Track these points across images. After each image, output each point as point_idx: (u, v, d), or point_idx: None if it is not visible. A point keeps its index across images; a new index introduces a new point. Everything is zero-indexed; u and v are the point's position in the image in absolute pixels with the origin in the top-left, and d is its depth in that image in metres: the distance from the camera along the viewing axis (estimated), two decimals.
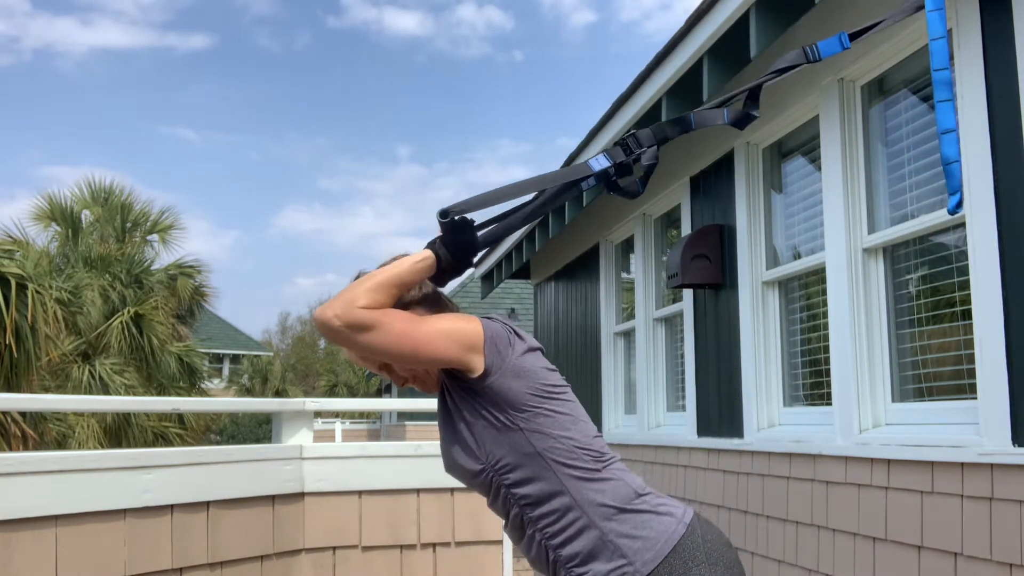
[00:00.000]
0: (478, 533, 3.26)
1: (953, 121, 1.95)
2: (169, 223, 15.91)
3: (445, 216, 1.74)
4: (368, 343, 1.68)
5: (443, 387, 1.85)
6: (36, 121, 71.24)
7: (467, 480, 1.83)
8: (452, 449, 1.83)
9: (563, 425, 1.76)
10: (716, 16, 3.76)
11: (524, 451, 1.73)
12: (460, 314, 1.84)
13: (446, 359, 1.73)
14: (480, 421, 1.76)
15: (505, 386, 1.74)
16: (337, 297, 1.69)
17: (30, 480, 2.38)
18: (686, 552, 1.69)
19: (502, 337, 1.77)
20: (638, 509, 1.73)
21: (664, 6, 67.82)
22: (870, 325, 3.57)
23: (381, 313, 1.69)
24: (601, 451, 1.78)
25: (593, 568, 1.70)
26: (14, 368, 7.67)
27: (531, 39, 73.52)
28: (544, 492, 1.73)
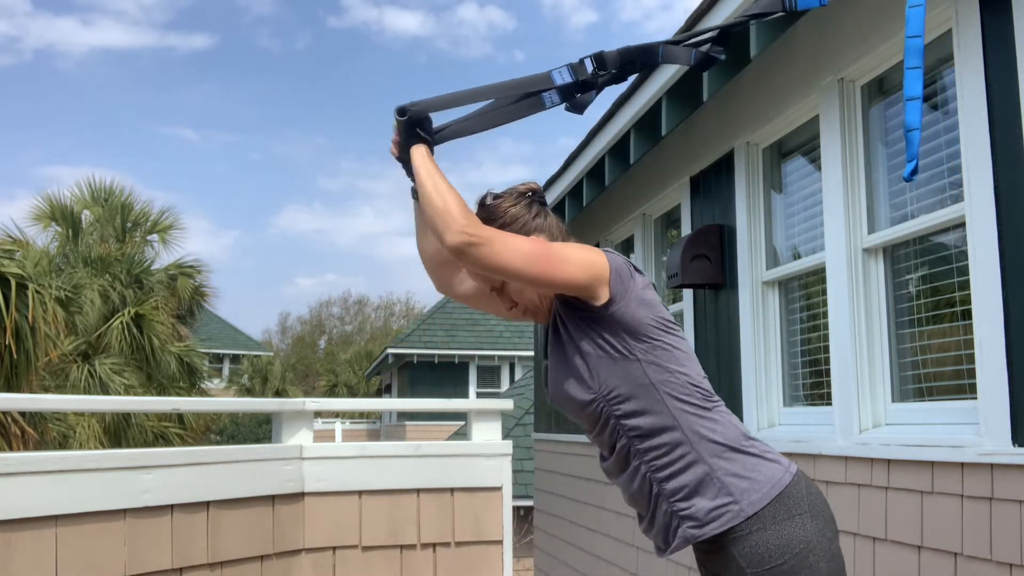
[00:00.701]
0: (478, 533, 3.26)
1: (919, 89, 1.94)
2: (169, 223, 15.91)
3: (403, 114, 1.77)
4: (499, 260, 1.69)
5: (556, 316, 1.86)
6: (36, 121, 71.18)
7: (576, 411, 1.83)
8: (563, 379, 1.83)
9: (679, 360, 1.77)
10: (716, 16, 3.76)
11: (639, 382, 1.74)
12: (580, 244, 1.85)
13: (575, 284, 1.74)
14: (596, 350, 1.77)
15: (628, 315, 1.75)
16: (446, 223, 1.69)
17: (30, 480, 2.38)
18: (791, 500, 1.69)
19: (624, 269, 1.79)
20: (747, 451, 1.74)
21: (665, 6, 67.81)
22: (870, 325, 3.58)
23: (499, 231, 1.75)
24: (711, 392, 1.80)
25: (696, 503, 1.70)
26: (14, 368, 7.66)
27: (532, 39, 73.42)
28: (655, 425, 1.73)
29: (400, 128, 1.80)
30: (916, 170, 1.92)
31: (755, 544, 1.66)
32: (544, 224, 1.90)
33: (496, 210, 1.90)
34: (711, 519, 1.69)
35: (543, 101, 1.91)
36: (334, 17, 70.97)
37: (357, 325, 49.39)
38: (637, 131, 4.86)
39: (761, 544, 1.65)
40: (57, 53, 67.74)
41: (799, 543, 1.66)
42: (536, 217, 1.90)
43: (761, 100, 4.32)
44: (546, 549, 8.22)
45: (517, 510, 12.30)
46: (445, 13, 70.50)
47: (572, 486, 7.34)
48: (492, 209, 1.91)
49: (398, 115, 1.78)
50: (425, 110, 1.79)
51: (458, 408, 3.52)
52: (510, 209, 1.90)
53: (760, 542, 1.66)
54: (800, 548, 1.65)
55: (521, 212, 1.90)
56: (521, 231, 1.86)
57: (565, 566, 7.45)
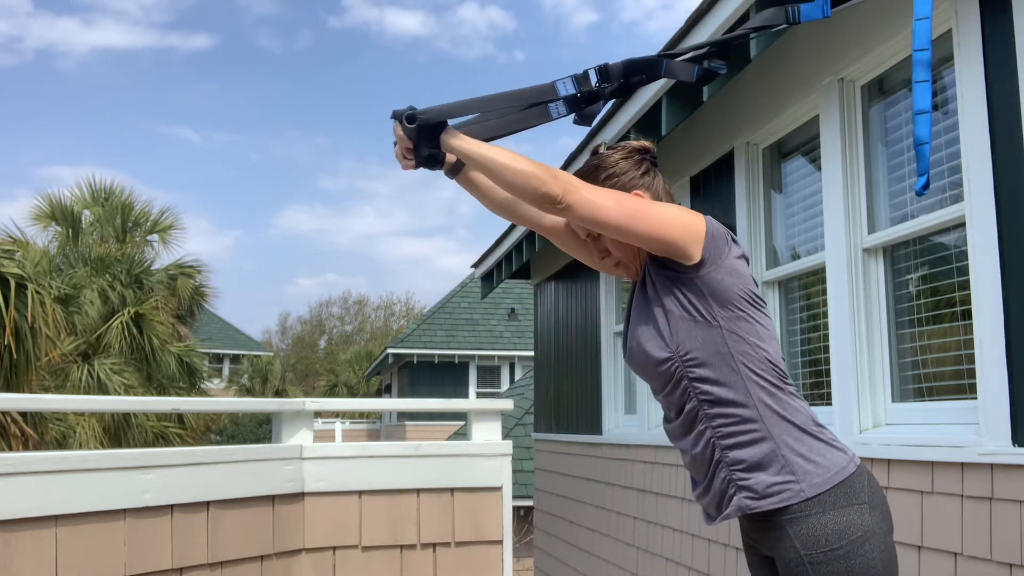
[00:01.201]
0: (478, 533, 3.26)
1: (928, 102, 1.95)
2: (169, 223, 15.90)
3: (412, 121, 1.78)
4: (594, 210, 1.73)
5: (645, 273, 1.87)
6: (37, 121, 71.22)
7: (647, 368, 1.84)
8: (641, 335, 1.84)
9: (759, 335, 1.78)
10: (716, 16, 3.76)
11: (718, 349, 1.75)
12: (681, 206, 1.87)
13: (672, 241, 1.75)
14: (679, 310, 1.78)
15: (717, 280, 1.76)
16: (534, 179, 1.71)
17: (30, 480, 2.38)
18: (851, 489, 1.70)
19: (721, 235, 1.80)
20: (816, 435, 1.75)
21: (666, 6, 67.82)
22: (870, 325, 3.57)
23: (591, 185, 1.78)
24: (786, 373, 1.80)
25: (757, 476, 1.71)
26: (14, 368, 7.66)
27: (533, 39, 73.44)
28: (727, 393, 1.75)
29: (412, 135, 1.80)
30: (928, 184, 1.93)
31: (812, 526, 1.66)
32: (651, 183, 1.91)
33: (606, 159, 1.92)
34: (770, 494, 1.69)
35: (549, 111, 1.93)
36: (335, 17, 71.03)
37: (357, 325, 49.40)
38: (637, 131, 4.86)
39: (819, 527, 1.66)
40: (58, 53, 67.80)
41: (856, 531, 1.66)
42: (644, 175, 1.91)
43: (761, 100, 4.32)
44: (546, 549, 8.21)
45: (517, 510, 12.30)
46: (446, 13, 70.54)
47: (572, 486, 7.34)
48: (603, 158, 1.93)
49: (406, 122, 1.79)
50: (432, 118, 1.80)
51: (458, 408, 3.52)
52: (620, 162, 1.91)
53: (818, 525, 1.66)
54: (857, 536, 1.66)
55: (630, 167, 1.91)
56: (627, 185, 1.88)
57: (565, 566, 7.45)
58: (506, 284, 15.06)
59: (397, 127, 1.80)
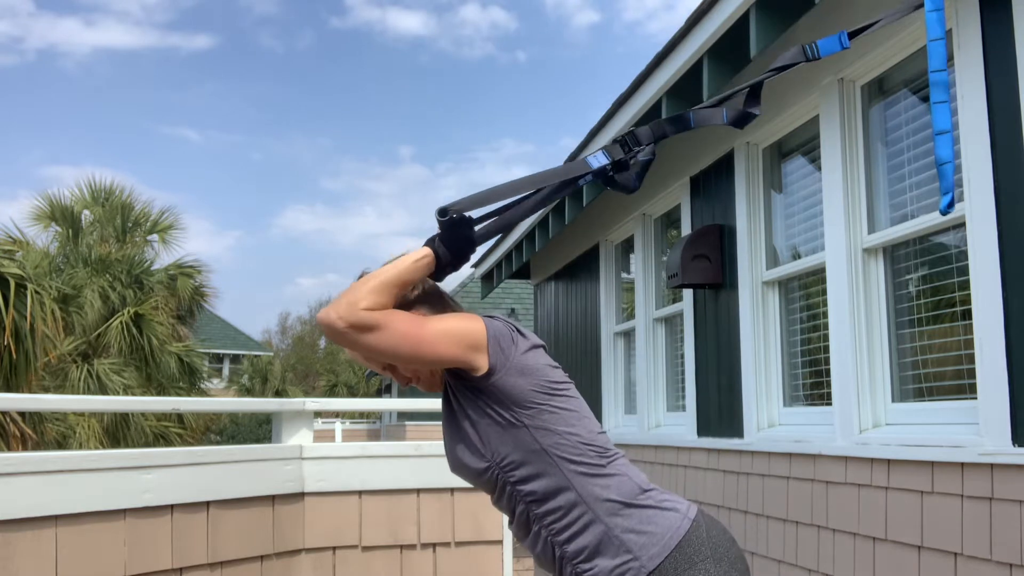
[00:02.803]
0: (478, 533, 3.26)
1: (948, 122, 1.95)
2: (169, 223, 15.90)
3: (444, 215, 1.75)
4: (372, 344, 1.69)
5: (447, 387, 1.85)
6: (39, 121, 71.30)
7: (473, 479, 1.83)
8: (457, 448, 1.83)
9: (567, 421, 1.76)
10: (716, 16, 3.76)
11: (529, 448, 1.74)
12: (462, 313, 1.84)
13: (450, 359, 1.73)
14: (485, 419, 1.76)
15: (509, 384, 1.74)
16: (340, 298, 1.69)
17: (30, 480, 2.38)
18: (691, 548, 1.69)
19: (505, 335, 1.77)
20: (643, 504, 1.73)
21: (667, 6, 67.86)
22: (870, 325, 3.57)
23: (383, 314, 1.70)
24: (605, 447, 1.78)
25: (599, 563, 1.70)
26: (13, 368, 7.66)
27: (534, 39, 73.54)
28: (549, 488, 1.73)
29: (442, 228, 1.78)
30: (952, 203, 1.93)
31: None
32: (424, 295, 1.87)
33: None
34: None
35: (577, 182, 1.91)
36: (336, 17, 71.10)
37: None
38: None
39: None
40: (60, 53, 67.89)
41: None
42: (414, 290, 1.86)
43: (761, 100, 4.31)
44: None
45: None
46: (448, 13, 70.59)
47: None
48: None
49: (439, 216, 1.76)
50: (464, 209, 1.77)
51: None
52: None
53: None
54: None
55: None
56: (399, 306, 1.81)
57: None
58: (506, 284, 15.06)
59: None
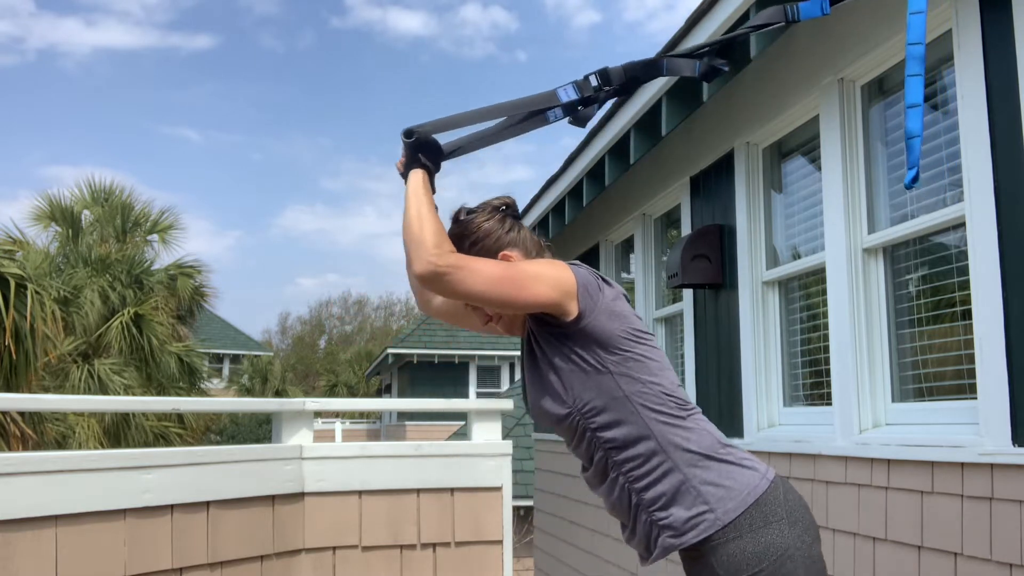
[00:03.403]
0: (478, 533, 3.26)
1: (920, 96, 1.95)
2: (169, 223, 15.89)
3: (410, 136, 1.79)
4: (467, 286, 1.70)
5: (529, 334, 1.87)
6: (39, 121, 71.16)
7: (553, 425, 1.84)
8: (539, 394, 1.84)
9: (651, 370, 1.78)
10: (716, 15, 3.76)
11: (612, 394, 1.75)
12: (549, 260, 1.86)
13: (543, 302, 1.75)
14: (568, 365, 1.77)
15: (598, 328, 1.76)
16: (417, 252, 1.70)
17: (30, 480, 2.38)
18: (767, 507, 1.70)
19: (591, 282, 1.80)
20: (723, 459, 1.74)
21: (668, 6, 67.77)
22: (870, 325, 3.57)
23: (464, 257, 1.74)
24: (685, 400, 1.80)
25: (674, 512, 1.71)
26: (13, 368, 7.66)
27: (535, 39, 73.40)
28: (630, 436, 1.74)
29: (405, 150, 1.81)
30: (917, 177, 1.93)
31: (732, 552, 1.66)
32: (517, 238, 1.91)
33: (469, 225, 1.92)
34: (689, 528, 1.70)
35: (547, 116, 1.93)
36: (337, 17, 71.03)
37: (357, 325, 49.41)
38: (637, 131, 4.86)
39: (738, 552, 1.66)
40: (60, 53, 67.81)
41: (776, 550, 1.66)
42: (510, 231, 1.91)
43: (761, 100, 4.32)
44: (546, 549, 8.21)
45: (517, 510, 12.29)
46: (448, 13, 70.50)
47: (572, 486, 7.34)
48: (465, 224, 1.92)
49: (405, 137, 1.79)
50: (430, 132, 1.80)
51: (458, 408, 3.52)
52: (484, 224, 1.91)
53: (737, 550, 1.66)
54: (777, 555, 1.66)
55: (494, 227, 1.91)
56: (494, 245, 1.88)
57: (565, 566, 7.45)
58: None
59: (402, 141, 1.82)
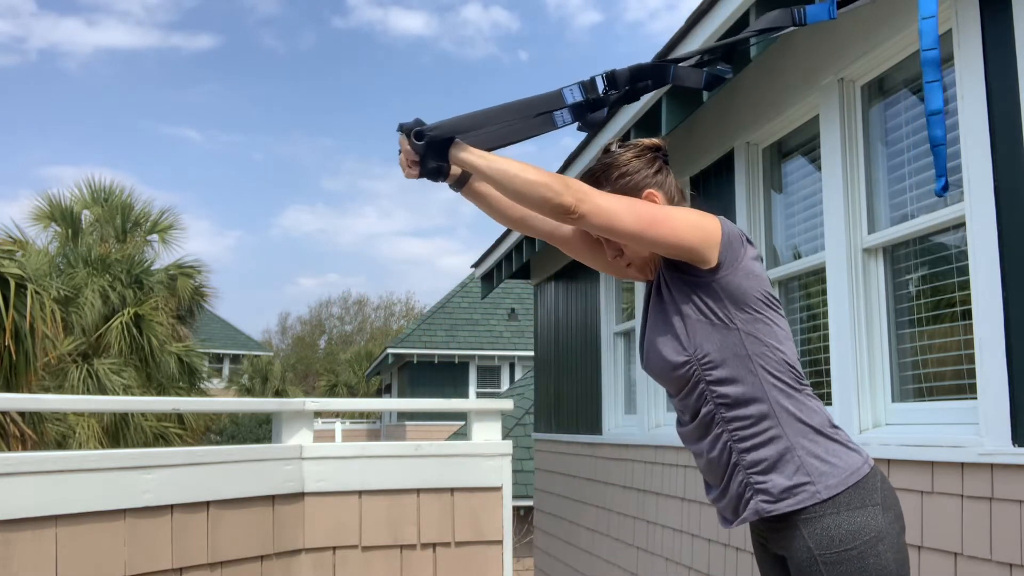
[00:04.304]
0: (478, 533, 3.26)
1: (940, 103, 1.94)
2: (169, 223, 15.90)
3: (420, 138, 1.76)
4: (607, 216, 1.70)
5: (660, 278, 1.86)
6: (40, 121, 71.18)
7: (665, 372, 1.83)
8: (658, 339, 1.83)
9: (777, 337, 1.78)
10: (716, 16, 3.76)
11: (735, 351, 1.75)
12: (694, 209, 1.85)
13: (684, 246, 1.74)
14: (697, 314, 1.77)
15: (735, 283, 1.76)
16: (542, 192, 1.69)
17: (30, 480, 2.38)
18: (865, 490, 1.71)
19: (737, 237, 1.79)
20: (831, 437, 1.75)
21: (669, 6, 67.76)
22: (870, 325, 3.57)
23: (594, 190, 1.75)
24: (803, 375, 1.80)
25: (773, 479, 1.71)
26: (13, 369, 7.66)
27: (536, 39, 73.38)
28: (745, 395, 1.74)
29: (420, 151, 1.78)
30: (947, 185, 1.92)
31: (826, 527, 1.67)
32: (664, 181, 1.90)
33: (619, 158, 1.91)
34: (785, 496, 1.70)
35: (555, 120, 1.91)
36: (339, 18, 71.03)
37: (357, 325, 49.40)
38: (637, 131, 4.86)
39: (833, 527, 1.67)
40: (61, 53, 67.82)
41: (870, 531, 1.67)
42: (657, 173, 1.89)
43: (761, 100, 4.32)
44: (546, 549, 8.21)
45: (517, 510, 12.30)
46: (449, 13, 70.51)
47: (572, 486, 7.34)
48: (615, 156, 1.91)
49: (415, 139, 1.76)
50: (441, 134, 1.78)
51: (458, 408, 3.52)
52: (633, 160, 1.90)
53: (832, 525, 1.67)
54: (870, 536, 1.67)
55: (642, 165, 1.90)
56: (640, 184, 1.86)
57: (565, 566, 7.45)
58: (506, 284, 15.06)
59: (403, 140, 1.79)
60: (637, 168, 1.89)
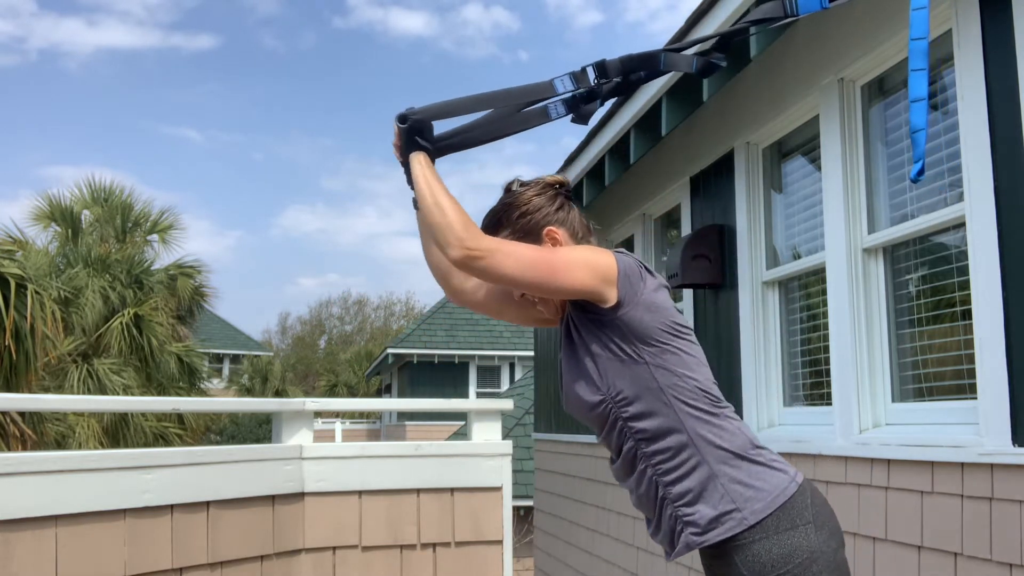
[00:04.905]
0: (478, 533, 3.26)
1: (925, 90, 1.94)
2: (169, 223, 15.90)
3: (404, 121, 1.75)
4: (502, 270, 1.68)
5: (568, 319, 1.86)
6: (41, 121, 71.08)
7: (584, 412, 1.82)
8: (573, 380, 1.83)
9: (687, 365, 1.76)
10: (717, 15, 3.76)
11: (647, 385, 1.74)
12: (592, 246, 1.85)
13: (580, 288, 1.74)
14: (606, 353, 1.76)
15: (636, 318, 1.74)
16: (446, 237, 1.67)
17: (30, 480, 2.38)
18: (795, 510, 1.69)
19: (634, 271, 1.78)
20: (754, 459, 1.73)
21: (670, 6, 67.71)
22: (870, 325, 3.57)
23: (500, 240, 1.73)
24: (720, 398, 1.79)
25: (700, 510, 1.70)
26: (13, 368, 7.66)
27: (537, 39, 73.34)
28: (662, 427, 1.73)
29: (400, 135, 1.78)
30: (923, 170, 1.92)
31: (757, 553, 1.65)
32: (566, 218, 1.90)
33: (519, 197, 1.90)
34: (713, 526, 1.69)
35: (548, 112, 1.89)
36: (339, 18, 70.98)
37: (357, 325, 49.39)
38: (637, 131, 4.86)
39: (763, 553, 1.65)
40: (62, 53, 67.76)
41: (802, 553, 1.65)
42: (559, 210, 1.90)
43: (761, 100, 4.32)
44: (546, 549, 8.21)
45: (517, 510, 12.29)
46: (450, 13, 70.46)
47: (572, 486, 7.34)
48: (516, 195, 1.91)
49: (399, 122, 1.77)
50: (426, 118, 1.77)
51: (458, 408, 3.52)
52: (534, 199, 1.89)
53: (763, 551, 1.65)
54: (803, 558, 1.65)
55: (544, 203, 1.89)
56: (542, 222, 1.86)
57: (565, 566, 7.45)
58: None
59: (395, 126, 1.79)
60: (538, 206, 1.88)
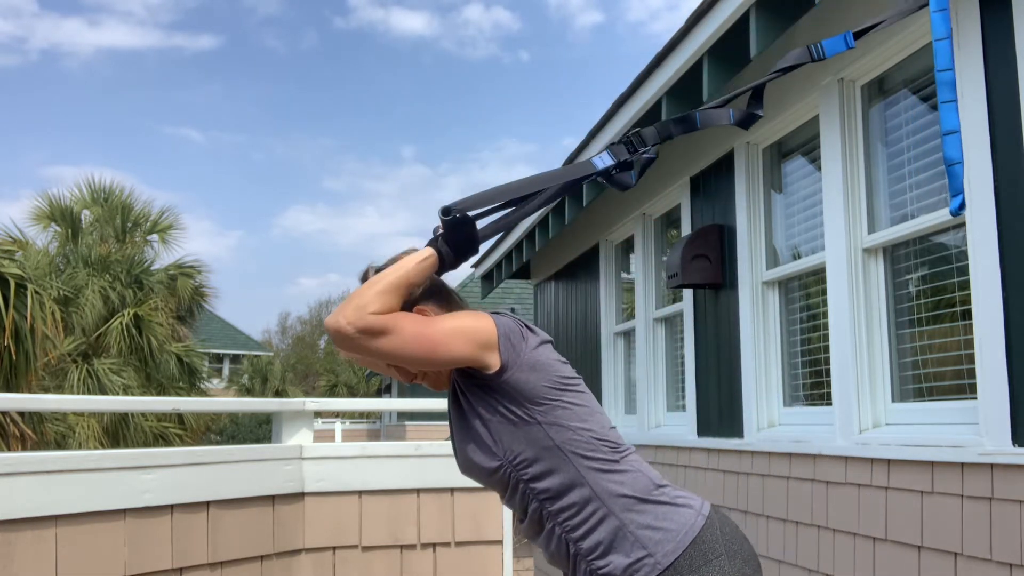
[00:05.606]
0: (478, 533, 3.26)
1: (956, 123, 1.94)
2: (169, 223, 15.89)
3: (447, 214, 1.73)
4: (382, 348, 1.67)
5: (455, 386, 1.83)
6: (42, 121, 71.18)
7: (484, 478, 1.81)
8: (468, 448, 1.81)
9: (580, 417, 1.75)
10: (716, 15, 3.76)
11: (542, 444, 1.72)
12: (469, 311, 1.83)
13: (462, 358, 1.72)
14: (496, 417, 1.74)
15: (522, 380, 1.73)
16: (347, 303, 1.67)
17: (30, 480, 2.38)
18: (706, 544, 1.68)
19: (515, 332, 1.76)
20: (657, 500, 1.73)
21: (671, 6, 67.81)
22: (870, 325, 3.57)
23: (392, 317, 1.68)
24: (617, 443, 1.77)
25: (613, 560, 1.69)
26: (13, 368, 7.66)
27: (538, 39, 73.46)
28: (563, 485, 1.72)
29: (444, 227, 1.76)
30: (963, 204, 1.92)
31: None
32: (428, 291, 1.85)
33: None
34: (629, 575, 1.68)
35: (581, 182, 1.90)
36: (340, 18, 71.09)
37: None
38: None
39: None
40: (63, 53, 67.86)
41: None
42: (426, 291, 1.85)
43: (764, 98, 4.31)
44: None
45: None
46: (451, 14, 70.57)
47: None
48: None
49: (442, 215, 1.74)
50: (467, 208, 1.75)
51: None
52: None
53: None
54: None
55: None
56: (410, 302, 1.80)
57: None
58: (506, 284, 15.06)
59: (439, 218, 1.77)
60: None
